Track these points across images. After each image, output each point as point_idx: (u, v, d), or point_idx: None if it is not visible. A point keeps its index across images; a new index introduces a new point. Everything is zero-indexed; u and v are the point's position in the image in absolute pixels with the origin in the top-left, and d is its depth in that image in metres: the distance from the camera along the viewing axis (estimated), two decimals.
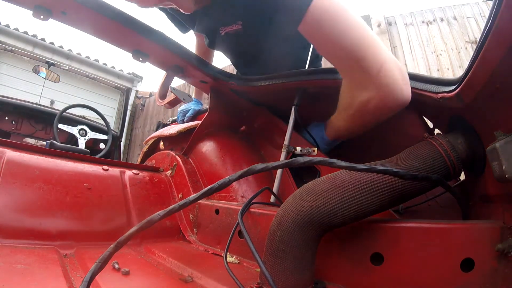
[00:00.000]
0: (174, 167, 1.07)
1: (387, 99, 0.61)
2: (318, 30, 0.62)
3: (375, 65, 0.60)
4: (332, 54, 0.66)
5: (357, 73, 0.63)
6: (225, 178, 0.39)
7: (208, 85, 1.04)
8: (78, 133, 2.80)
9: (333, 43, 0.63)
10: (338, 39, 0.61)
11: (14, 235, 0.64)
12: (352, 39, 0.60)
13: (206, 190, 0.39)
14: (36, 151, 0.82)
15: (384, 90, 0.60)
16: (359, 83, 0.64)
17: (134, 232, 0.34)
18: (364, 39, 0.61)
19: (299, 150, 0.86)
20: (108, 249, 0.34)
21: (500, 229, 0.42)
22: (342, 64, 0.66)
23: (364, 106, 0.65)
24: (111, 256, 0.34)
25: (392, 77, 0.59)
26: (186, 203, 0.37)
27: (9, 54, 4.76)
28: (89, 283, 0.31)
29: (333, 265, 0.54)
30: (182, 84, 4.92)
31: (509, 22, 0.33)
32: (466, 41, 2.98)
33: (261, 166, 0.39)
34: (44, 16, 0.73)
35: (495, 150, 0.39)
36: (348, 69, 0.66)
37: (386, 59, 0.60)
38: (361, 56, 0.60)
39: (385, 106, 0.63)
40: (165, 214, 0.35)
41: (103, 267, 0.33)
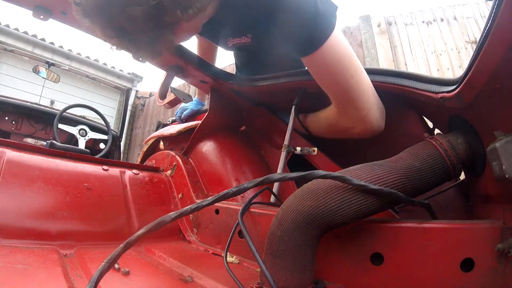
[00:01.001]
0: (174, 167, 1.07)
1: (368, 131, 0.73)
2: (323, 69, 0.67)
3: (366, 108, 0.69)
4: (330, 90, 0.72)
5: (349, 110, 0.71)
6: (241, 185, 0.38)
7: (208, 85, 1.04)
8: (78, 133, 2.79)
9: (335, 83, 0.68)
10: (340, 82, 0.67)
11: (14, 235, 0.64)
12: (352, 85, 0.67)
13: (221, 195, 0.39)
14: (36, 151, 0.82)
15: (368, 126, 0.72)
16: (349, 117, 0.73)
17: (145, 233, 0.34)
18: (362, 85, 0.68)
19: (299, 150, 0.86)
20: (117, 249, 0.34)
21: (500, 229, 0.42)
22: (337, 99, 0.73)
23: (347, 130, 0.76)
24: (119, 256, 0.34)
25: (375, 117, 0.71)
26: (199, 207, 0.37)
27: (9, 54, 4.76)
28: (97, 283, 0.31)
29: (333, 265, 0.54)
30: (182, 84, 4.91)
31: (509, 22, 0.33)
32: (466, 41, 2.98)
33: (279, 176, 0.39)
34: (44, 16, 0.73)
35: (495, 150, 0.39)
36: (342, 105, 0.73)
37: (373, 103, 0.69)
38: (356, 99, 0.68)
39: (364, 134, 0.74)
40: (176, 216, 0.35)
41: (111, 266, 0.33)
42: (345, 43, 0.66)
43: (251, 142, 1.11)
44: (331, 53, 0.64)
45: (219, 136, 1.08)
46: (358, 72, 0.67)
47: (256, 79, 0.91)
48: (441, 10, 3.17)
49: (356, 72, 0.66)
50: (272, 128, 1.01)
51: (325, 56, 0.64)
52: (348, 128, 0.75)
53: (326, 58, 0.64)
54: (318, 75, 0.71)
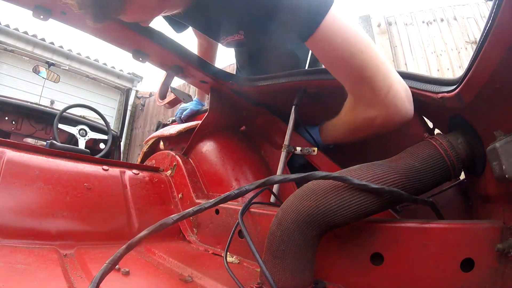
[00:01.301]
0: (174, 167, 1.07)
1: (394, 117, 0.64)
2: (328, 48, 0.63)
3: (385, 86, 0.61)
4: (341, 73, 0.67)
5: (366, 93, 0.64)
6: (242, 187, 0.38)
7: (208, 85, 1.04)
8: (78, 133, 2.79)
9: (344, 63, 0.63)
10: (349, 60, 0.62)
11: (14, 235, 0.64)
12: (363, 60, 0.61)
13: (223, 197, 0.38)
14: (36, 151, 0.82)
15: (392, 110, 0.62)
16: (367, 102, 0.66)
17: (147, 235, 0.34)
18: (375, 61, 0.61)
19: (299, 150, 0.86)
20: (119, 250, 0.34)
21: (500, 229, 0.42)
22: (350, 83, 0.67)
23: (370, 122, 0.68)
24: (121, 258, 0.34)
25: (400, 98, 0.62)
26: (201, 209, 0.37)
27: (9, 54, 4.76)
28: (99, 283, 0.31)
29: (333, 265, 0.54)
30: (182, 84, 4.91)
31: (509, 22, 0.33)
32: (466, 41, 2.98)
33: (280, 178, 0.39)
34: (44, 16, 0.73)
35: (495, 150, 0.39)
36: (357, 88, 0.67)
37: (394, 81, 0.62)
38: (371, 77, 0.61)
39: (391, 123, 0.65)
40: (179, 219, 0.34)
41: (113, 268, 0.33)
42: (347, 19, 0.61)
43: (251, 142, 1.11)
44: (334, 29, 0.60)
45: (219, 136, 1.08)
46: (368, 47, 0.61)
47: (256, 79, 0.91)
48: (441, 10, 3.17)
49: (366, 46, 0.61)
50: (272, 128, 1.01)
51: (327, 35, 0.60)
52: (371, 118, 0.67)
53: (328, 36, 0.60)
54: (324, 57, 0.66)
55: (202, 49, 1.24)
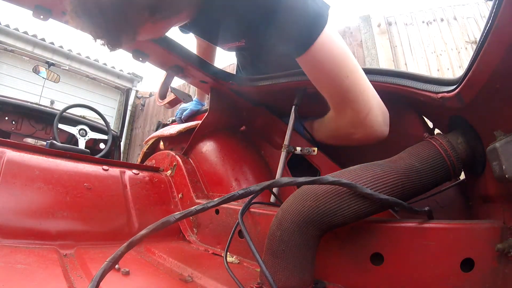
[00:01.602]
0: (174, 167, 1.07)
1: (370, 136, 0.70)
2: (317, 68, 0.66)
3: (365, 110, 0.66)
4: (326, 92, 0.70)
5: (347, 113, 0.69)
6: (248, 188, 0.38)
7: (208, 85, 1.04)
8: (78, 133, 2.79)
9: (329, 84, 0.67)
10: (335, 82, 0.65)
11: (14, 235, 0.64)
12: (348, 85, 0.65)
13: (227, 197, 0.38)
14: (36, 151, 0.82)
15: (369, 130, 0.68)
16: (347, 120, 0.71)
17: (148, 233, 0.34)
18: (358, 86, 0.65)
19: (299, 150, 0.86)
20: (120, 248, 0.33)
21: (500, 229, 0.42)
22: (333, 102, 0.71)
23: (349, 136, 0.74)
24: (122, 256, 0.33)
25: (376, 121, 0.67)
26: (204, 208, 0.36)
27: (9, 54, 4.76)
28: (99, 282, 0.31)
29: (333, 265, 0.54)
30: (182, 84, 4.91)
31: (509, 22, 0.33)
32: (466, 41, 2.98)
33: (287, 180, 0.39)
34: (44, 16, 0.73)
35: (495, 150, 0.39)
36: (339, 107, 0.71)
37: (373, 106, 0.66)
38: (353, 100, 0.66)
39: (367, 140, 0.71)
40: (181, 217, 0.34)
41: (114, 266, 0.33)
42: (338, 42, 0.64)
43: (251, 142, 1.11)
44: (324, 52, 0.62)
45: (219, 136, 1.08)
46: (354, 72, 0.65)
47: (256, 79, 0.91)
48: (441, 10, 3.17)
49: (352, 72, 0.65)
50: (272, 128, 1.01)
51: (317, 56, 0.63)
52: (349, 133, 0.73)
53: (318, 58, 0.63)
54: (312, 76, 0.69)
55: (201, 49, 1.24)
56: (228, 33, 0.79)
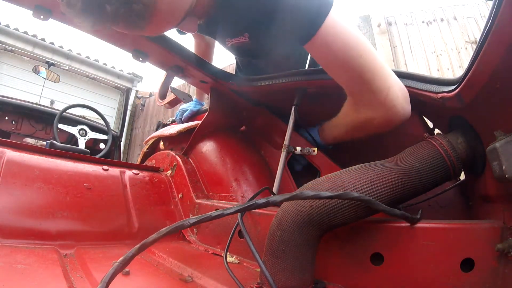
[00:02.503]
0: (174, 167, 1.07)
1: (392, 118, 0.65)
2: (327, 53, 0.64)
3: (384, 89, 0.63)
4: (341, 76, 0.67)
5: (366, 95, 0.66)
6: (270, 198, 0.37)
7: (208, 85, 1.04)
8: (78, 133, 2.79)
9: (343, 67, 0.64)
10: (348, 64, 0.63)
11: (14, 235, 0.64)
12: (363, 63, 0.62)
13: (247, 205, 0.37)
14: (36, 151, 0.82)
15: (391, 111, 0.64)
16: (367, 104, 0.67)
17: (162, 236, 0.33)
18: (373, 64, 0.63)
19: (299, 150, 0.86)
20: (131, 250, 0.33)
21: (500, 229, 0.42)
22: (350, 85, 0.68)
23: (369, 122, 0.69)
24: (133, 258, 0.33)
25: (397, 99, 0.63)
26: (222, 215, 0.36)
27: (9, 54, 4.75)
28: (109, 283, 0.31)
29: (333, 265, 0.54)
30: (182, 84, 4.91)
31: (509, 22, 0.33)
32: (466, 41, 2.98)
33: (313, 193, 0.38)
34: (44, 16, 0.73)
35: (495, 150, 0.39)
36: (356, 91, 0.68)
37: (393, 83, 0.63)
38: (370, 80, 0.63)
39: (389, 123, 0.67)
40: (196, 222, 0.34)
41: (124, 267, 0.33)
42: (347, 23, 0.62)
43: (251, 142, 1.11)
44: (333, 34, 0.61)
45: (219, 136, 1.08)
46: (367, 51, 0.62)
47: (256, 79, 0.91)
48: (441, 10, 3.17)
49: (365, 51, 0.62)
50: (272, 128, 1.01)
51: (326, 38, 0.61)
52: (370, 119, 0.68)
53: (328, 40, 0.61)
54: (324, 61, 0.67)
55: (200, 49, 1.24)
56: (231, 28, 0.78)
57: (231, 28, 0.78)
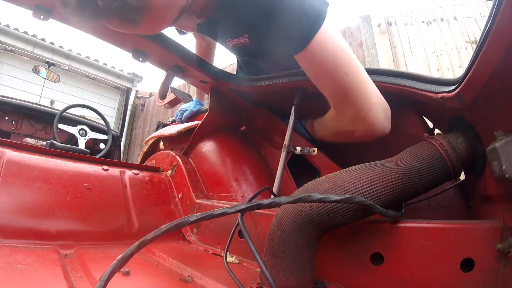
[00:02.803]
0: (174, 167, 1.07)
1: (371, 133, 0.69)
2: (316, 65, 0.65)
3: (365, 107, 0.65)
4: (325, 90, 0.69)
5: (348, 111, 0.68)
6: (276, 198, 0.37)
7: (208, 85, 1.04)
8: (78, 133, 2.79)
9: (330, 81, 0.66)
10: (334, 80, 0.64)
11: (14, 235, 0.64)
12: (348, 82, 0.64)
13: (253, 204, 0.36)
14: (36, 151, 0.82)
15: (370, 128, 0.67)
16: (348, 118, 0.70)
17: (161, 234, 0.33)
18: (358, 84, 0.64)
19: (299, 150, 0.86)
20: (130, 248, 0.33)
21: (500, 229, 0.42)
22: (333, 100, 0.71)
23: (350, 133, 0.73)
24: (132, 256, 0.33)
25: (378, 118, 0.66)
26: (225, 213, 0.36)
27: (9, 54, 4.75)
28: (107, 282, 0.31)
29: (333, 265, 0.54)
30: (182, 84, 4.91)
31: (509, 22, 0.33)
32: (466, 41, 2.98)
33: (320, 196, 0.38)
34: (44, 16, 0.73)
35: (495, 150, 0.39)
36: (339, 105, 0.70)
37: (375, 103, 0.66)
38: (353, 98, 0.65)
39: (369, 137, 0.70)
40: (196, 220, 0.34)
41: (123, 265, 0.33)
42: (337, 39, 0.63)
43: (251, 142, 1.11)
44: (322, 49, 0.62)
45: (219, 136, 1.08)
46: (354, 69, 0.64)
47: (256, 79, 0.91)
48: (441, 10, 3.17)
49: (352, 69, 0.64)
50: (272, 128, 1.01)
51: (315, 53, 0.62)
52: (350, 131, 0.72)
53: (317, 55, 0.62)
54: (311, 74, 0.69)
55: (201, 50, 1.24)
56: (232, 28, 0.78)
57: (231, 29, 0.78)
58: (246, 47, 0.81)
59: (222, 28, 0.81)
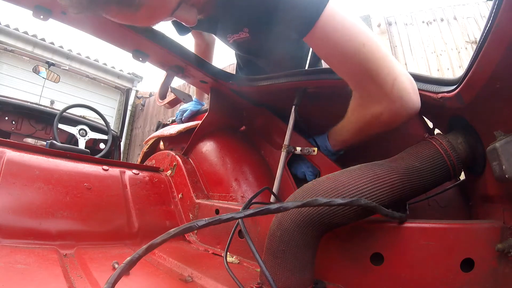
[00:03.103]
0: (174, 167, 1.07)
1: (401, 111, 0.62)
2: (327, 44, 0.61)
3: (389, 79, 0.59)
4: (344, 69, 0.65)
5: (371, 87, 0.63)
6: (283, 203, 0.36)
7: (208, 85, 1.04)
8: (78, 133, 2.79)
9: (345, 58, 0.62)
10: (351, 55, 0.60)
11: (14, 235, 0.64)
12: (366, 54, 0.59)
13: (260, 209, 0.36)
14: (36, 151, 0.82)
15: (398, 103, 0.61)
16: (373, 97, 0.64)
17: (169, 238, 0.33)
18: (377, 54, 0.60)
19: (299, 150, 0.86)
20: (138, 251, 0.33)
21: (500, 229, 0.42)
22: (354, 79, 0.65)
23: (377, 118, 0.66)
24: (140, 259, 0.33)
25: (405, 90, 0.60)
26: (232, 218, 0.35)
27: (9, 54, 4.75)
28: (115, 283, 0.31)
29: (333, 265, 0.54)
30: (182, 84, 4.91)
31: (509, 22, 0.33)
32: (466, 41, 2.98)
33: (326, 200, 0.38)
34: (44, 16, 0.73)
35: (495, 150, 0.39)
36: (361, 84, 0.65)
37: (399, 73, 0.60)
38: (375, 71, 0.60)
39: (398, 117, 0.63)
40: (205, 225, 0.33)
41: (130, 268, 0.33)
42: (346, 12, 0.60)
43: (251, 142, 1.11)
44: (332, 24, 0.58)
45: (219, 136, 1.08)
46: (370, 39, 0.59)
47: (256, 79, 0.91)
48: (441, 10, 3.18)
49: (368, 39, 0.59)
50: (272, 128, 1.01)
51: (326, 29, 0.59)
52: (377, 114, 0.65)
53: (327, 31, 0.59)
54: (325, 54, 0.65)
55: (200, 49, 1.24)
56: (232, 23, 0.77)
57: (232, 24, 0.78)
58: (247, 43, 0.80)
59: (223, 24, 0.80)
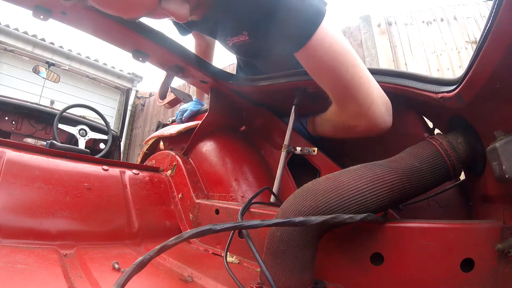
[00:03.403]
0: (174, 167, 1.07)
1: (373, 128, 0.69)
2: (317, 62, 0.65)
3: (367, 102, 0.65)
4: (327, 86, 0.70)
5: (350, 105, 0.69)
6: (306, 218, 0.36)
7: (208, 85, 1.04)
8: (78, 133, 2.79)
9: (331, 78, 0.67)
10: (335, 76, 0.65)
11: (14, 235, 0.64)
12: (349, 79, 0.64)
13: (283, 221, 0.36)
14: (36, 151, 0.82)
15: (372, 122, 0.68)
16: (350, 114, 0.70)
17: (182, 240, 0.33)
18: (359, 79, 0.65)
19: (299, 150, 0.86)
20: (149, 252, 0.33)
21: (500, 229, 0.42)
22: (335, 96, 0.71)
23: (353, 128, 0.73)
24: (151, 260, 0.33)
25: (379, 112, 0.67)
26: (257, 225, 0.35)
27: (9, 54, 4.75)
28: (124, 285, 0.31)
29: (333, 265, 0.54)
30: (182, 84, 4.91)
31: (509, 22, 0.33)
32: (466, 41, 2.98)
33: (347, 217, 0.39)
34: (44, 16, 0.73)
35: (495, 150, 0.39)
36: (341, 101, 0.71)
37: (376, 97, 0.66)
38: (356, 94, 0.65)
39: (372, 132, 0.71)
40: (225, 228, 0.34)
41: (140, 269, 0.33)
42: (338, 36, 0.64)
43: (251, 142, 1.11)
44: (322, 46, 0.62)
45: (219, 136, 1.08)
46: (355, 66, 0.64)
47: (256, 79, 0.91)
48: (441, 10, 3.17)
49: (353, 66, 0.64)
50: (272, 128, 1.01)
51: (316, 50, 0.62)
52: (352, 126, 0.72)
53: (317, 52, 0.62)
54: (312, 71, 0.69)
55: (200, 49, 1.24)
56: (231, 26, 0.78)
57: (231, 26, 0.78)
58: (246, 46, 0.80)
59: (222, 26, 0.81)
